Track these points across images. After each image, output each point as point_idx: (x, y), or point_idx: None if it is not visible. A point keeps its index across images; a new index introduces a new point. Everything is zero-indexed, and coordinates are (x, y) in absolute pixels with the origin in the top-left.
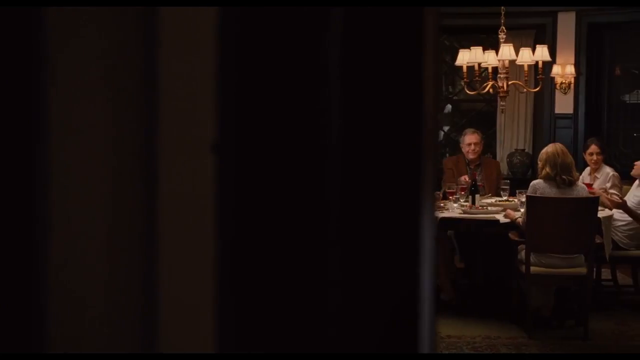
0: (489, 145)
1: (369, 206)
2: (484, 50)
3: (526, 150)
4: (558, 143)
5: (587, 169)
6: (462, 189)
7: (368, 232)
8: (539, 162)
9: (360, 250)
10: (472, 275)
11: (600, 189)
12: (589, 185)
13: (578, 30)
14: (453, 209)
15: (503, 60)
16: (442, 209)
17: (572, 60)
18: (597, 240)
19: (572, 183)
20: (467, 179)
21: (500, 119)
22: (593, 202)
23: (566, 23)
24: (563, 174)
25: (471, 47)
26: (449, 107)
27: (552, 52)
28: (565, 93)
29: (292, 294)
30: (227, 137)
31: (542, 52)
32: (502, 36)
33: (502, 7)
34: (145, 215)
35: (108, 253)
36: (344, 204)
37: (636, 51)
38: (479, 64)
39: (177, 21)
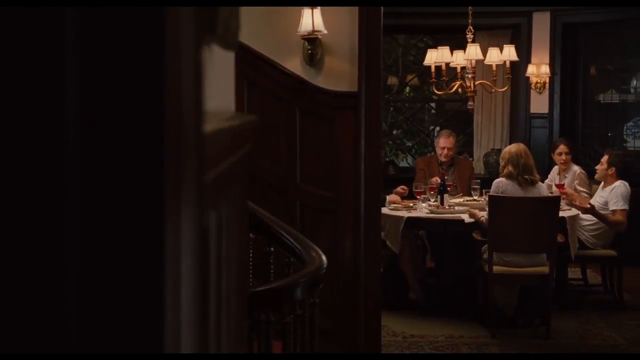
0: (466, 144)
1: (107, 218)
2: (452, 50)
3: (502, 150)
4: (521, 144)
5: (556, 168)
6: (432, 189)
7: (103, 251)
8: (501, 161)
9: (95, 271)
10: (440, 275)
11: (571, 187)
12: (561, 186)
13: (553, 30)
14: (422, 209)
15: (470, 60)
16: (411, 208)
17: (547, 60)
18: (560, 240)
19: (534, 182)
20: (437, 181)
21: (477, 119)
22: (554, 202)
23: (541, 23)
24: (525, 174)
25: (438, 47)
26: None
27: (527, 52)
28: (540, 93)
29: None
30: None
31: (509, 52)
32: (469, 36)
33: (470, 7)
34: None
35: None
36: (81, 213)
37: (610, 51)
38: (447, 64)
39: None
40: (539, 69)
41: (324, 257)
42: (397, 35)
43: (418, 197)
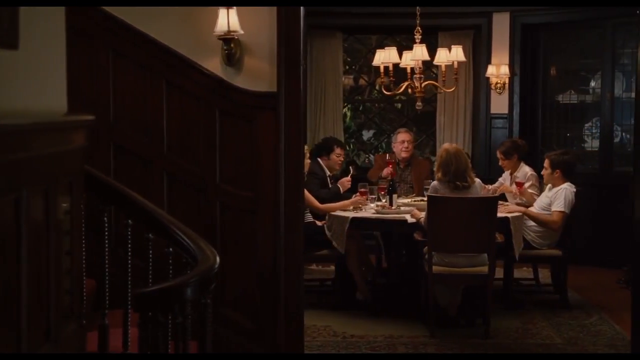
0: (429, 145)
1: None
2: (399, 50)
3: (464, 150)
4: (453, 145)
5: (509, 170)
6: (382, 189)
7: None
8: (435, 163)
9: None
10: (389, 275)
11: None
12: (521, 184)
13: (512, 30)
14: (370, 209)
15: (417, 61)
16: (358, 208)
17: (507, 60)
18: (500, 240)
19: (466, 187)
20: (390, 171)
21: (439, 119)
22: (491, 202)
23: (501, 23)
24: (457, 180)
25: (385, 48)
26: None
27: (488, 53)
28: (500, 93)
29: None
30: None
31: (457, 53)
32: (417, 37)
33: (418, 8)
34: None
35: None
36: None
37: (569, 51)
38: (394, 64)
39: None
40: (498, 70)
41: (216, 257)
42: (370, 35)
43: (364, 196)
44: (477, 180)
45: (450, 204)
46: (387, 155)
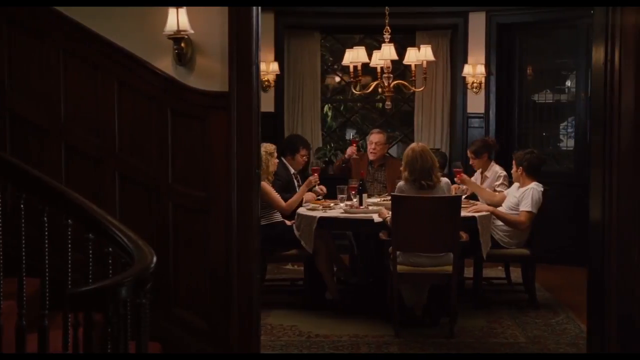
0: (408, 145)
1: None
2: (367, 50)
3: (441, 150)
4: (420, 144)
5: (480, 169)
6: (352, 189)
7: None
8: (402, 163)
9: None
10: (358, 275)
11: (491, 188)
12: (459, 171)
13: (488, 30)
14: (339, 209)
15: (386, 60)
16: (328, 208)
17: (483, 60)
18: (464, 239)
19: (432, 187)
20: (353, 150)
21: (417, 119)
22: (455, 201)
23: (477, 23)
24: (422, 179)
25: (354, 47)
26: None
27: (464, 52)
28: (476, 93)
29: None
30: None
31: (426, 52)
32: (386, 36)
33: (386, 8)
34: None
35: None
36: None
37: (545, 51)
38: (363, 64)
39: None
40: (475, 69)
41: (154, 257)
42: (355, 35)
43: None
44: (445, 179)
45: (414, 204)
46: (352, 135)
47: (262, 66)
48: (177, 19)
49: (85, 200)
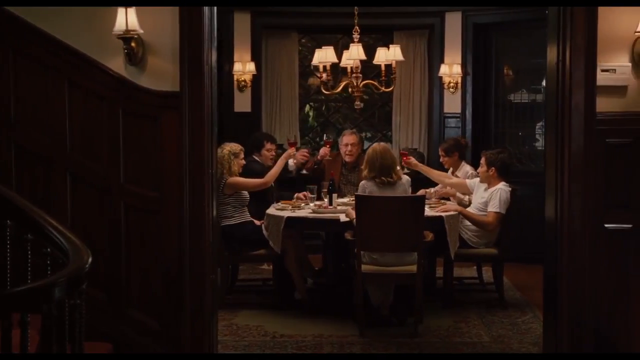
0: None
1: None
2: (336, 50)
3: (419, 150)
4: (382, 143)
5: (451, 168)
6: (324, 190)
7: None
8: (364, 162)
9: None
10: (327, 275)
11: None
12: (405, 154)
13: (464, 30)
14: (308, 209)
15: (354, 60)
16: (297, 208)
17: (460, 60)
18: (429, 238)
19: (391, 183)
20: (326, 151)
21: (395, 119)
22: (418, 201)
23: (453, 23)
24: (382, 176)
25: (323, 47)
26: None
27: (441, 52)
28: (453, 93)
29: None
30: None
31: (394, 52)
32: (355, 36)
33: (356, 8)
34: None
35: None
36: None
37: (520, 51)
38: (331, 64)
39: None
40: (451, 69)
41: (89, 257)
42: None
43: (303, 197)
44: (405, 177)
45: (378, 203)
46: (325, 136)
47: (239, 66)
48: (126, 18)
49: (24, 200)
